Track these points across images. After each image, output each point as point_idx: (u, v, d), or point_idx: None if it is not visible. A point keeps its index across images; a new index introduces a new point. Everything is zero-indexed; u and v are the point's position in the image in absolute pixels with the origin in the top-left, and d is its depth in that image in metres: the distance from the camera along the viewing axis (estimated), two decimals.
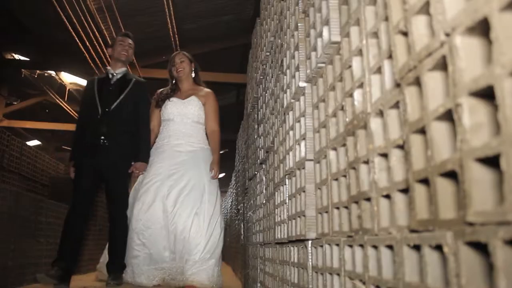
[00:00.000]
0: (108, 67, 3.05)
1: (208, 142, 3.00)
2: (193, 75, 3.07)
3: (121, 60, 2.97)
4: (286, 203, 1.58)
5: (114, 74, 2.95)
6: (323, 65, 1.15)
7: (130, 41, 3.04)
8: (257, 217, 2.59)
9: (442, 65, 0.54)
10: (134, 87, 2.93)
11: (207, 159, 2.90)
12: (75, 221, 2.71)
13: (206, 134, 3.05)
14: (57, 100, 9.53)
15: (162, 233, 2.71)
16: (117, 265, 2.75)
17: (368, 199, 0.78)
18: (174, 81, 3.08)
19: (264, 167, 2.40)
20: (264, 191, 2.37)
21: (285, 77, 1.68)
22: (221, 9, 7.16)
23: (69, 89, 9.33)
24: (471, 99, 0.48)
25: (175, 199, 2.75)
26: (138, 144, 2.89)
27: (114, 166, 2.80)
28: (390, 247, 0.68)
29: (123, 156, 2.84)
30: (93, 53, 6.66)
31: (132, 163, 2.87)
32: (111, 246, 2.80)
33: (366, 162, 0.80)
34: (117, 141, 2.81)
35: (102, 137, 2.78)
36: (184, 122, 2.92)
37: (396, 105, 0.69)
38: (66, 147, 11.59)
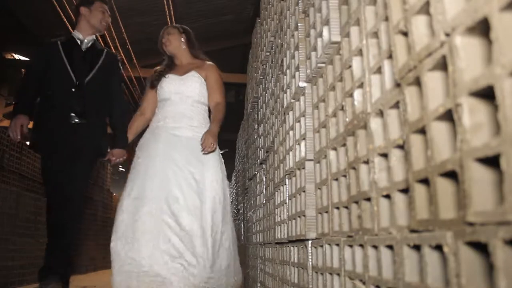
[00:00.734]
0: (75, 31, 2.53)
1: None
2: (183, 47, 2.56)
3: (98, 30, 2.54)
4: (286, 203, 1.58)
5: (84, 40, 2.48)
6: (323, 65, 1.15)
7: (108, 10, 2.64)
8: (257, 217, 2.59)
9: (442, 65, 0.54)
10: (107, 59, 2.51)
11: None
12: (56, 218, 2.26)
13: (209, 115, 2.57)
14: None
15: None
16: (54, 270, 2.22)
17: (368, 199, 0.78)
18: (170, 58, 2.63)
19: (264, 167, 2.40)
20: (264, 191, 2.37)
21: (285, 77, 1.68)
22: (221, 9, 7.16)
23: None
24: (471, 99, 0.48)
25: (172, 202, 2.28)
26: (113, 128, 2.47)
27: (81, 148, 2.34)
28: (390, 247, 0.68)
29: (94, 138, 2.40)
30: None
31: (108, 150, 2.46)
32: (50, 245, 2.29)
33: (366, 162, 0.80)
34: (89, 121, 2.36)
35: (73, 115, 2.33)
36: (183, 102, 2.42)
37: (396, 105, 0.69)
38: None
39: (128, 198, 2.23)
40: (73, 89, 2.35)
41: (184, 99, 2.43)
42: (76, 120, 2.33)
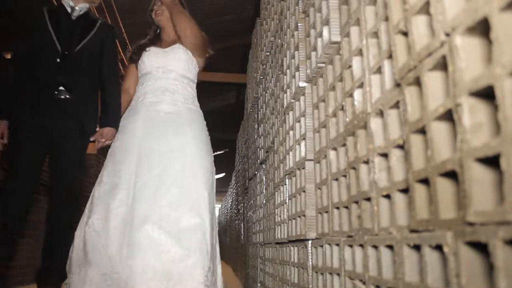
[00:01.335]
0: None
1: (197, 103, 2.20)
2: None
3: None
4: (286, 203, 1.58)
5: (75, 8, 2.18)
6: (323, 65, 1.15)
7: None
8: (257, 217, 2.59)
9: (442, 65, 0.54)
10: (101, 30, 2.20)
11: (194, 122, 2.07)
12: (7, 214, 1.92)
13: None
14: None
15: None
16: (54, 271, 1.98)
17: (368, 199, 0.78)
18: (157, 31, 2.30)
19: (264, 167, 2.40)
20: (264, 191, 2.37)
21: (285, 77, 1.68)
22: (221, 9, 7.15)
23: None
24: (471, 99, 0.48)
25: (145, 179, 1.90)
26: (105, 105, 2.14)
27: (71, 131, 2.04)
28: (390, 247, 0.68)
29: (86, 119, 2.10)
30: None
31: (97, 129, 2.10)
32: (45, 244, 2.06)
33: (366, 162, 0.80)
34: (80, 97, 2.07)
35: (61, 88, 2.03)
36: (165, 76, 2.11)
37: (396, 105, 0.69)
38: None
39: (98, 186, 1.92)
40: (58, 60, 2.05)
41: (166, 73, 2.12)
42: (66, 96, 2.04)
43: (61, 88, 2.04)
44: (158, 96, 2.06)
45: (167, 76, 2.11)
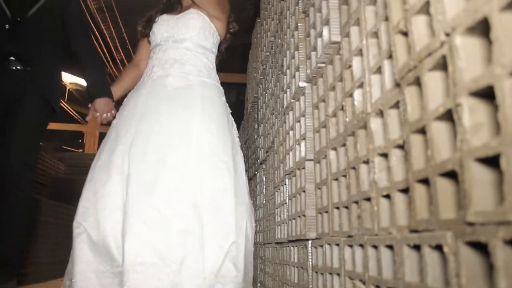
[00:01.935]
0: None
1: (216, 77, 1.85)
2: None
3: None
4: (286, 203, 1.58)
5: None
6: (323, 65, 1.15)
7: None
8: (257, 217, 2.59)
9: (442, 65, 0.54)
10: None
11: (208, 100, 1.71)
12: None
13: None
14: None
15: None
16: (7, 267, 1.73)
17: (368, 199, 0.78)
18: None
19: (264, 167, 2.40)
20: (264, 191, 2.37)
21: (285, 77, 1.68)
22: None
23: (69, 89, 9.32)
24: (471, 99, 0.48)
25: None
26: (86, 77, 1.86)
27: (25, 105, 1.77)
28: (390, 247, 0.68)
29: (47, 92, 1.84)
30: None
31: (89, 105, 1.82)
32: None
33: (366, 162, 0.80)
34: (39, 69, 1.83)
35: (12, 59, 1.79)
36: (176, 47, 1.79)
37: (396, 105, 0.69)
38: (66, 147, 11.58)
39: (92, 170, 1.64)
40: (7, 26, 1.80)
41: (177, 43, 1.80)
42: (17, 67, 1.79)
43: (12, 58, 1.79)
44: (166, 69, 1.76)
45: (178, 45, 1.80)
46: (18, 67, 1.80)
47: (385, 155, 0.73)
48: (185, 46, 1.80)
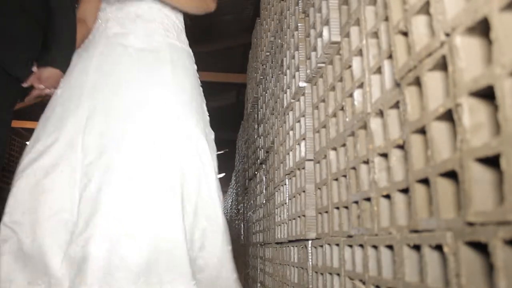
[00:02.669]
0: None
1: (186, 40, 1.52)
2: None
3: None
4: (286, 203, 1.58)
5: None
6: (323, 65, 1.15)
7: None
8: (257, 217, 2.59)
9: (442, 65, 0.54)
10: None
11: (180, 66, 1.41)
12: None
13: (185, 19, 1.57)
14: None
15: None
16: None
17: (368, 199, 0.78)
18: None
19: (264, 167, 2.40)
20: (264, 191, 2.37)
21: (285, 77, 1.68)
22: (221, 9, 7.15)
23: None
24: (471, 99, 0.48)
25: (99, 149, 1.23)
26: (51, 39, 1.44)
27: None
28: (390, 247, 0.68)
29: (10, 58, 1.38)
30: None
31: (33, 69, 1.41)
32: None
33: (366, 162, 0.80)
34: (5, 29, 1.39)
35: None
36: None
37: (396, 105, 0.69)
38: None
39: (28, 154, 1.25)
40: None
41: None
42: None
43: None
44: (126, 26, 1.40)
45: None
46: None
47: (385, 155, 0.73)
48: None
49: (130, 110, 1.26)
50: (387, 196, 0.72)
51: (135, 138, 1.23)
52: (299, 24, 1.42)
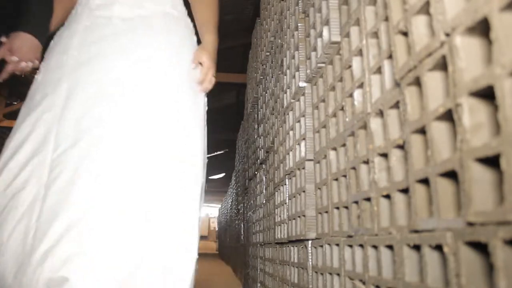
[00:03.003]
0: None
1: (184, 9, 1.32)
2: None
3: None
4: (286, 203, 1.58)
5: None
6: (323, 65, 1.15)
7: None
8: (257, 217, 2.59)
9: (442, 65, 0.54)
10: None
11: (176, 38, 1.21)
12: None
13: None
14: None
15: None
16: None
17: (368, 199, 0.78)
18: None
19: (264, 167, 2.40)
20: (264, 191, 2.37)
21: (285, 77, 1.68)
22: (221, 9, 7.15)
23: None
24: (471, 99, 0.48)
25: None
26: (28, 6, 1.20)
27: None
28: (390, 247, 0.68)
29: None
30: None
31: (1, 39, 1.15)
32: None
33: (366, 162, 0.80)
34: None
35: None
36: None
37: (396, 105, 0.69)
38: None
39: (5, 152, 1.07)
40: None
41: None
42: None
43: None
44: None
45: None
46: None
47: (385, 155, 0.73)
48: None
49: (114, 89, 1.06)
50: (387, 196, 0.72)
51: (117, 121, 1.03)
52: (299, 24, 1.42)
